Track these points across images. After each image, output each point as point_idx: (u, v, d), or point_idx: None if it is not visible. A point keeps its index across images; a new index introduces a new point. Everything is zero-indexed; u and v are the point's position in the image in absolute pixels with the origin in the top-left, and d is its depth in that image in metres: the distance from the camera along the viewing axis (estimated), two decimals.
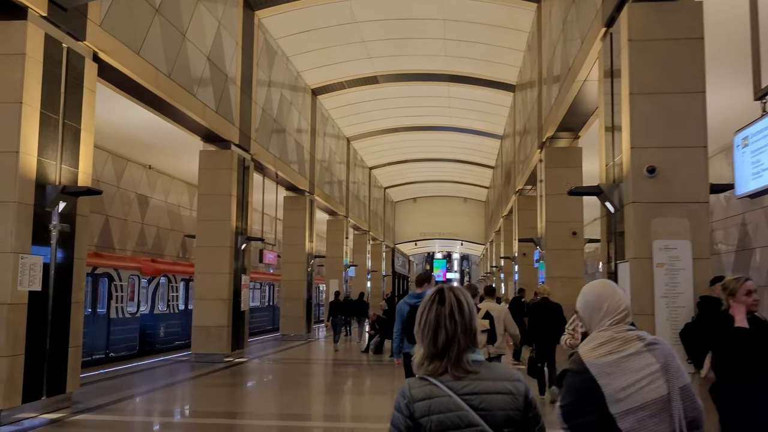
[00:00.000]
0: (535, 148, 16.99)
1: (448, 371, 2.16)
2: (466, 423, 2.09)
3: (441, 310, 2.22)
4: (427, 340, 2.22)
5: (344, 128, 29.85)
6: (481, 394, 2.12)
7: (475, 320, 2.27)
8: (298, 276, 23.15)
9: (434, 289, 2.31)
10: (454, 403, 2.10)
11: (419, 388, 2.15)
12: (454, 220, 50.97)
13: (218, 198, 15.65)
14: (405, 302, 7.68)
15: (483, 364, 2.21)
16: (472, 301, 2.30)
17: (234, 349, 15.81)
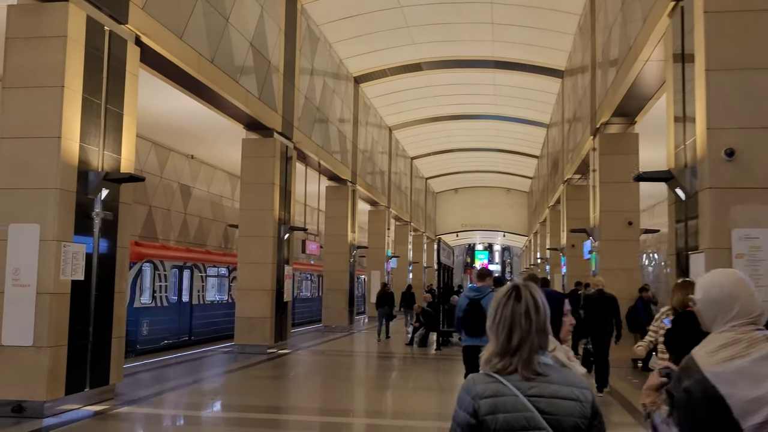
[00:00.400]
0: (587, 135, 16.32)
1: (517, 371, 2.08)
2: (532, 425, 2.01)
3: (517, 307, 2.15)
4: (501, 338, 2.15)
5: (386, 117, 29.42)
6: (548, 397, 2.05)
7: (549, 320, 2.20)
8: (340, 267, 22.87)
9: (509, 285, 2.24)
10: (521, 403, 2.03)
11: (485, 384, 2.08)
12: (497, 211, 50.20)
13: (261, 187, 15.39)
14: (465, 296, 7.80)
15: (552, 367, 2.14)
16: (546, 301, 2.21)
17: (277, 341, 15.57)
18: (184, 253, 19.45)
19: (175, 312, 18.37)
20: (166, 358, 13.94)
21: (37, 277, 7.81)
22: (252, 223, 15.36)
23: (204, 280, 20.08)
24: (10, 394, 7.77)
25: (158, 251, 18.13)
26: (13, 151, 8.06)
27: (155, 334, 17.13)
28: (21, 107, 8.10)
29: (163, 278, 17.75)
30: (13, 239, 7.90)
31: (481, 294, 7.64)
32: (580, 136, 18.11)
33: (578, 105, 18.44)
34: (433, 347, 17.17)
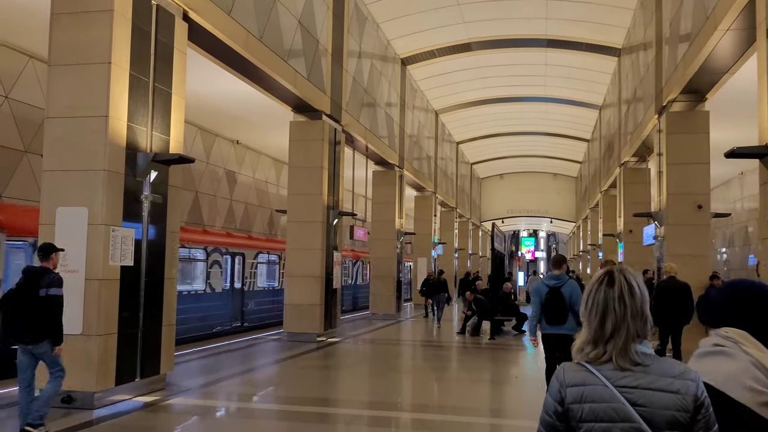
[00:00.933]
0: (650, 115, 15.44)
1: (612, 360, 1.99)
2: (621, 417, 1.93)
3: (610, 292, 2.05)
4: (594, 324, 2.05)
5: (433, 101, 28.74)
6: (641, 388, 1.95)
7: (647, 305, 2.08)
8: (387, 253, 22.38)
9: (603, 270, 2.15)
10: (609, 393, 1.95)
11: (573, 372, 2.03)
12: (543, 197, 49.16)
13: (309, 171, 14.96)
14: (543, 283, 7.78)
15: (652, 356, 2.01)
16: (644, 285, 2.09)
17: (326, 329, 15.18)
18: (237, 240, 19.64)
19: (228, 298, 18.39)
20: (216, 345, 13.67)
21: (86, 262, 7.49)
22: (300, 209, 14.96)
23: (255, 267, 20.05)
24: None
25: (216, 239, 18.47)
26: (59, 131, 7.73)
27: (208, 320, 17.34)
28: (67, 85, 7.76)
29: (216, 264, 17.87)
30: (61, 223, 7.58)
31: (560, 282, 7.64)
32: (641, 116, 17.21)
33: (639, 83, 17.52)
34: (486, 336, 16.59)
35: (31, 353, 6.27)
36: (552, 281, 7.70)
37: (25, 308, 6.13)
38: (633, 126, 18.77)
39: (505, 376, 11.42)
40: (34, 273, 6.29)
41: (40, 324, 6.15)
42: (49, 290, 6.15)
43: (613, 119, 23.64)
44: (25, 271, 6.39)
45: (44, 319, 6.14)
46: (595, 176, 32.01)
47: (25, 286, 6.20)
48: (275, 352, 13.47)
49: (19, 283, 6.30)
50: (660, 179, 14.18)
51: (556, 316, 7.52)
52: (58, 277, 6.32)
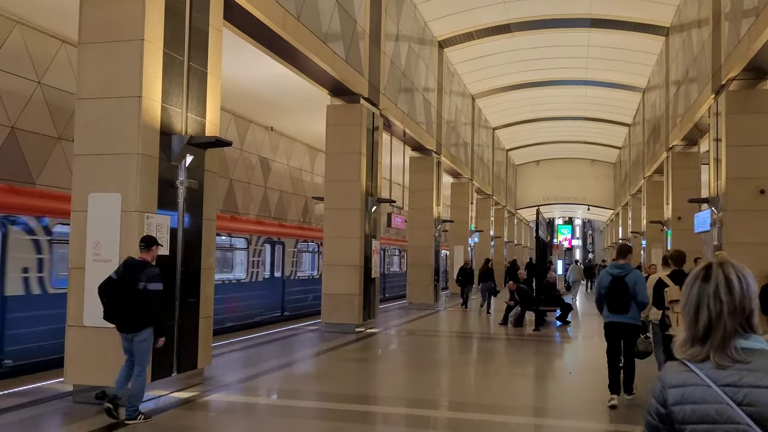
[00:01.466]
0: (705, 96, 14.60)
1: (710, 358, 1.86)
2: (725, 418, 1.80)
3: (704, 288, 1.92)
4: (688, 321, 1.95)
5: (470, 85, 28.01)
6: (746, 387, 1.79)
7: (751, 300, 1.92)
8: (425, 242, 21.82)
9: (702, 264, 2.00)
10: (711, 394, 1.83)
11: (675, 373, 1.91)
12: (580, 184, 48.14)
13: (347, 157, 14.47)
14: (607, 272, 7.76)
15: (757, 352, 1.85)
16: (752, 278, 1.94)
17: (365, 319, 14.74)
18: (276, 228, 19.32)
19: (269, 287, 18.24)
20: (254, 336, 13.30)
21: (119, 251, 7.09)
22: (338, 195, 14.49)
23: (295, 255, 19.83)
24: (93, 379, 7.13)
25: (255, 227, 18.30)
26: (90, 113, 7.32)
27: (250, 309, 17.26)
28: (98, 64, 7.34)
29: (257, 253, 17.67)
30: (93, 210, 7.20)
31: (625, 271, 7.63)
32: (693, 97, 16.35)
33: (692, 62, 16.63)
34: (531, 327, 15.99)
35: (130, 341, 6.50)
36: (616, 270, 7.66)
37: (123, 299, 6.33)
38: (684, 108, 17.90)
39: (550, 371, 10.82)
40: (133, 265, 6.44)
41: (137, 315, 6.35)
42: (148, 285, 6.34)
43: (660, 102, 22.69)
44: (126, 263, 6.52)
45: (142, 311, 6.34)
46: (638, 161, 30.99)
47: (125, 278, 6.38)
48: (314, 343, 13.06)
49: (119, 274, 6.45)
50: (718, 163, 13.39)
51: (618, 305, 7.52)
52: (156, 272, 6.51)
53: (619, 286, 7.49)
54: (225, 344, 11.81)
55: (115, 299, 6.35)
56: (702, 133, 17.49)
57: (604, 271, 7.88)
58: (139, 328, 6.38)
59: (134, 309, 6.32)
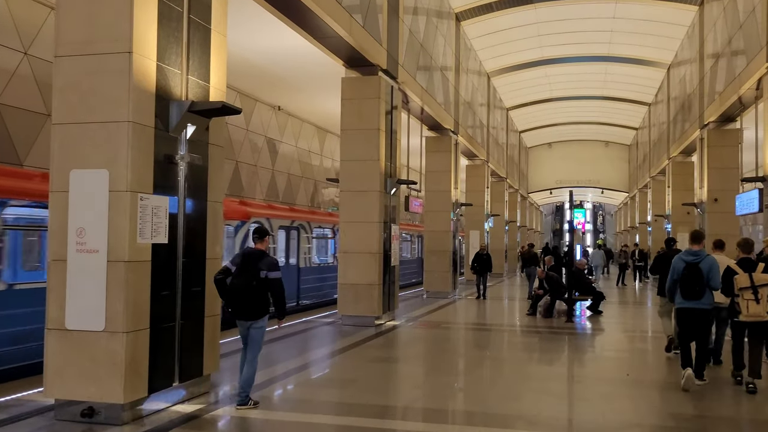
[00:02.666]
0: (755, 66, 13.27)
1: None
2: None
3: None
4: None
5: (486, 62, 26.65)
6: None
7: None
8: (442, 226, 20.58)
9: None
10: None
11: None
12: (594, 167, 46.88)
13: (365, 134, 13.21)
14: (681, 259, 7.81)
15: None
16: None
17: (385, 311, 13.56)
18: (290, 213, 18.31)
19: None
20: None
21: (108, 240, 5.88)
22: (355, 176, 13.25)
23: (310, 241, 18.72)
24: (78, 393, 5.94)
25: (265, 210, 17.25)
26: (72, 73, 6.07)
27: None
28: (80, 14, 6.08)
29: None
30: (76, 190, 5.97)
31: (699, 257, 7.70)
32: (740, 67, 15.01)
33: (738, 31, 15.27)
34: (562, 318, 14.79)
35: (248, 328, 6.68)
36: (690, 257, 7.74)
37: (246, 288, 6.49)
38: (725, 81, 16.56)
39: (589, 372, 9.61)
40: (253, 255, 6.65)
41: (259, 303, 6.57)
42: (269, 273, 6.56)
43: (691, 77, 21.32)
44: (246, 253, 6.71)
45: (263, 299, 6.60)
46: (661, 141, 29.64)
47: (246, 267, 6.56)
48: (332, 339, 11.87)
49: (237, 264, 6.60)
50: None
51: (693, 291, 7.63)
52: (275, 261, 6.80)
53: (694, 272, 7.60)
54: (234, 340, 10.64)
55: (238, 287, 6.51)
56: (744, 108, 16.19)
57: (677, 257, 7.91)
58: (259, 315, 6.60)
59: (257, 297, 6.53)
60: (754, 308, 7.44)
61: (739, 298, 7.55)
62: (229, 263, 6.69)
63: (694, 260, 7.66)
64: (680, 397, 7.45)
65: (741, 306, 7.54)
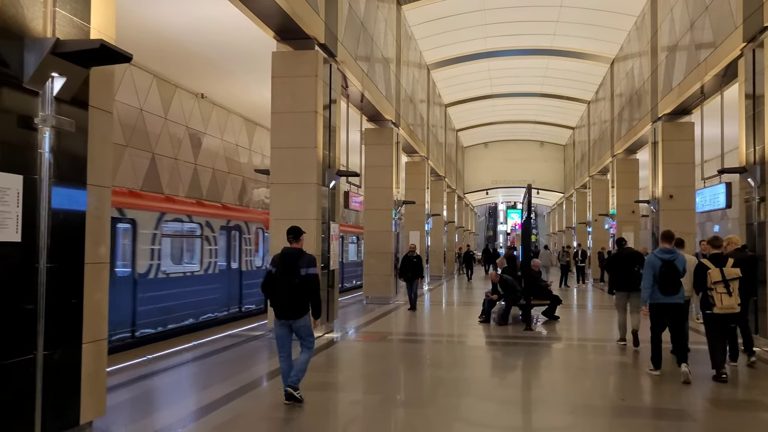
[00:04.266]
0: (732, 45, 12.15)
1: None
2: None
3: None
4: None
5: (426, 53, 25.18)
6: None
7: None
8: (383, 226, 18.91)
9: None
10: None
11: None
12: (529, 167, 46.33)
13: (299, 117, 11.41)
14: (656, 256, 8.26)
15: None
16: None
17: (322, 322, 11.78)
18: (227, 212, 17.01)
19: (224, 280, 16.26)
20: (192, 345, 10.17)
21: None
22: (288, 166, 11.44)
23: (251, 243, 17.23)
24: None
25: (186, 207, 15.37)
26: None
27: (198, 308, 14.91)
28: None
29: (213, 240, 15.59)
30: None
31: (674, 255, 8.25)
32: (703, 55, 13.95)
33: (703, 14, 14.19)
34: (518, 326, 13.39)
35: (289, 327, 6.76)
36: (666, 255, 8.24)
37: (287, 287, 6.60)
38: (684, 71, 15.53)
39: (600, 397, 8.12)
40: (293, 254, 6.73)
41: (301, 301, 6.65)
42: (309, 270, 6.64)
43: (643, 69, 20.39)
44: (285, 253, 6.76)
45: (305, 297, 6.66)
46: (602, 139, 28.91)
47: (287, 267, 6.64)
48: (261, 357, 10.03)
49: (280, 264, 6.69)
50: (755, 122, 10.96)
51: (670, 287, 8.11)
52: (313, 258, 6.82)
53: (671, 270, 8.12)
54: (134, 363, 8.65)
55: (280, 287, 6.63)
56: (705, 98, 15.21)
57: (653, 255, 8.38)
58: (302, 314, 6.68)
59: (299, 296, 6.62)
60: (727, 301, 7.92)
61: (713, 291, 7.99)
62: (270, 266, 6.88)
63: (670, 258, 8.19)
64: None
65: (715, 299, 7.97)
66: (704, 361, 8.51)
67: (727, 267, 8.00)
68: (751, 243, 10.98)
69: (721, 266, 8.02)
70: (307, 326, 6.79)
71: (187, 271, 14.66)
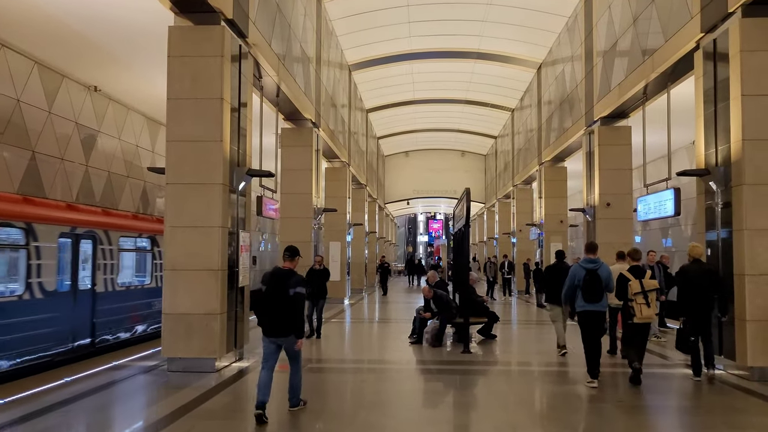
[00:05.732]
0: (687, 37, 11.13)
1: None
2: None
3: None
4: None
5: (348, 51, 23.60)
6: None
7: None
8: (301, 236, 17.06)
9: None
10: None
11: None
12: (450, 177, 45.66)
13: (201, 105, 9.55)
14: (580, 266, 8.74)
15: None
16: None
17: (229, 349, 9.92)
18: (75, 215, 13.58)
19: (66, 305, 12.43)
20: (31, 393, 7.98)
21: None
22: (187, 163, 9.55)
23: (114, 256, 14.38)
24: None
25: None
26: None
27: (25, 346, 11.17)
28: None
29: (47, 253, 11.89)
30: None
31: (597, 265, 8.68)
32: (649, 52, 12.95)
33: (649, 6, 13.20)
34: (455, 348, 11.92)
35: (277, 345, 6.91)
36: (590, 264, 8.68)
37: (277, 306, 6.74)
38: (625, 70, 14.56)
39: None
40: (284, 274, 6.87)
41: (289, 320, 6.76)
42: (296, 289, 6.77)
43: (575, 72, 19.50)
44: (275, 272, 6.92)
45: (292, 315, 6.76)
46: (528, 147, 28.13)
47: (276, 286, 6.78)
48: (148, 400, 8.06)
49: (270, 283, 6.82)
50: (717, 119, 9.90)
51: (594, 295, 8.53)
52: (302, 278, 6.97)
53: (594, 279, 8.51)
54: None
55: (269, 306, 6.75)
56: (648, 98, 14.30)
57: (577, 265, 8.82)
58: (289, 332, 6.79)
59: (288, 313, 6.72)
60: (646, 311, 8.35)
61: (633, 302, 8.39)
62: (260, 284, 6.88)
63: (593, 267, 8.61)
64: None
65: (635, 309, 8.37)
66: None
67: (645, 279, 8.48)
68: (713, 252, 9.90)
69: (640, 278, 8.49)
70: (294, 345, 6.89)
71: None
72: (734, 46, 9.43)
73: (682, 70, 12.10)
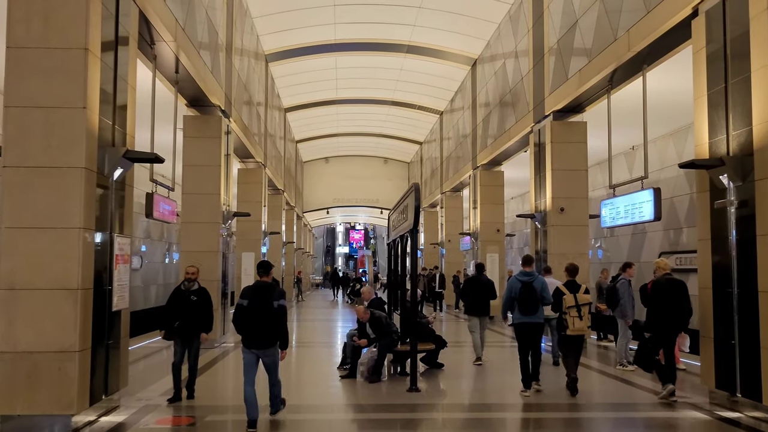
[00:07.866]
0: (676, 7, 9.24)
1: None
2: None
3: None
4: None
5: (265, 37, 20.94)
6: None
7: None
8: (206, 245, 14.17)
9: None
10: None
11: None
12: (373, 185, 43.61)
13: (56, 56, 6.78)
14: (516, 279, 9.01)
15: None
16: None
17: (96, 400, 7.13)
18: None
19: None
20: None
21: None
22: (33, 138, 6.76)
23: None
24: None
25: None
26: None
27: None
28: None
29: None
30: None
31: (532, 277, 9.00)
32: (622, 29, 11.03)
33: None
34: (398, 383, 9.50)
35: (256, 356, 6.93)
36: (525, 277, 8.99)
37: (260, 319, 6.84)
38: (588, 55, 12.65)
39: None
40: (265, 287, 6.99)
41: (272, 332, 6.88)
42: (279, 301, 6.89)
43: (520, 65, 17.59)
44: (258, 286, 7.00)
45: (275, 327, 6.89)
46: (459, 152, 26.20)
47: (259, 299, 6.88)
48: None
49: (252, 297, 6.90)
50: (729, 99, 7.96)
51: (529, 307, 8.83)
52: (284, 291, 7.18)
53: (530, 291, 8.85)
54: None
55: (253, 318, 6.82)
56: (613, 86, 12.46)
57: (513, 278, 9.15)
58: (272, 344, 6.89)
59: (270, 326, 6.83)
60: (578, 324, 8.61)
61: (567, 315, 8.66)
62: (240, 300, 6.91)
63: (528, 280, 8.91)
64: None
65: (568, 322, 8.66)
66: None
67: (579, 293, 8.70)
68: (724, 263, 7.93)
69: (575, 292, 8.72)
70: (275, 356, 6.97)
71: None
72: (756, 5, 7.50)
73: (665, 47, 10.23)
